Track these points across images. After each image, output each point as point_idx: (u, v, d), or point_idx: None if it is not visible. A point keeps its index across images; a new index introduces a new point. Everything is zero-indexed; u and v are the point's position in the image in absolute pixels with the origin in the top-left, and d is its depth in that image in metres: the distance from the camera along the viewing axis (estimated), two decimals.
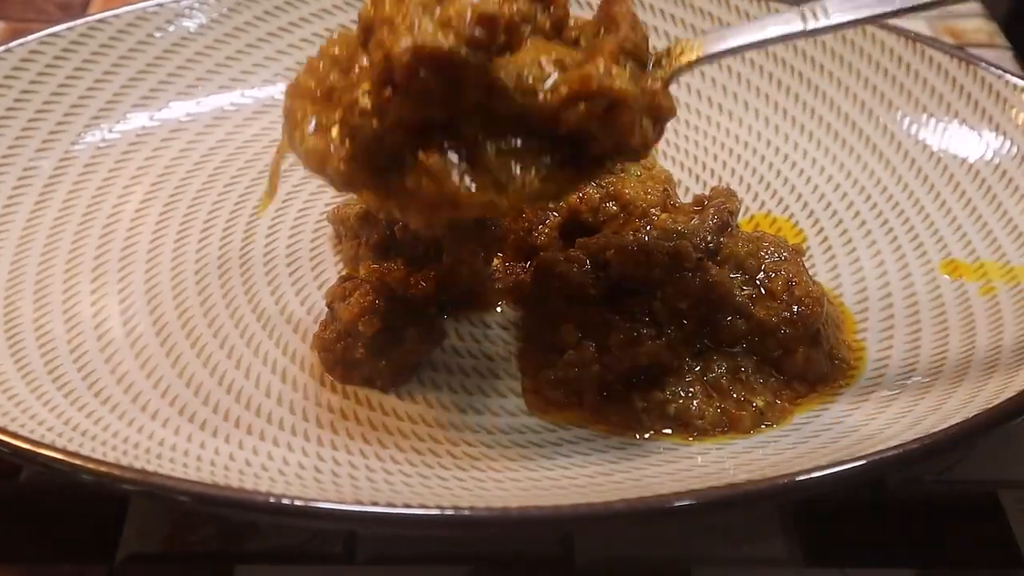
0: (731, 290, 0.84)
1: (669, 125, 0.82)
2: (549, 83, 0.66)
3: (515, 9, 0.67)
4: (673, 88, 1.12)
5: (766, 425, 0.81)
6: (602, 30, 0.71)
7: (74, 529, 0.78)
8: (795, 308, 0.84)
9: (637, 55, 0.70)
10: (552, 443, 0.80)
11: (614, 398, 0.82)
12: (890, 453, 0.70)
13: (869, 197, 1.02)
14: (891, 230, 0.98)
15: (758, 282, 0.86)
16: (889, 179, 1.02)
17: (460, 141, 0.66)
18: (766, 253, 0.87)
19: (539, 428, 0.81)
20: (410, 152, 0.66)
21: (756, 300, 0.85)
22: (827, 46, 1.10)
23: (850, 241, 0.98)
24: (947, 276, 0.93)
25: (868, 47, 1.09)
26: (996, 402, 0.74)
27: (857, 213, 1.01)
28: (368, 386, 0.84)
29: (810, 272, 0.90)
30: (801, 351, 0.83)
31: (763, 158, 1.07)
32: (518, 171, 0.67)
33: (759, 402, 0.82)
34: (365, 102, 0.65)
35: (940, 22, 1.39)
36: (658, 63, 0.74)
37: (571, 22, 0.72)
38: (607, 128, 0.67)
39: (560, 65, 0.67)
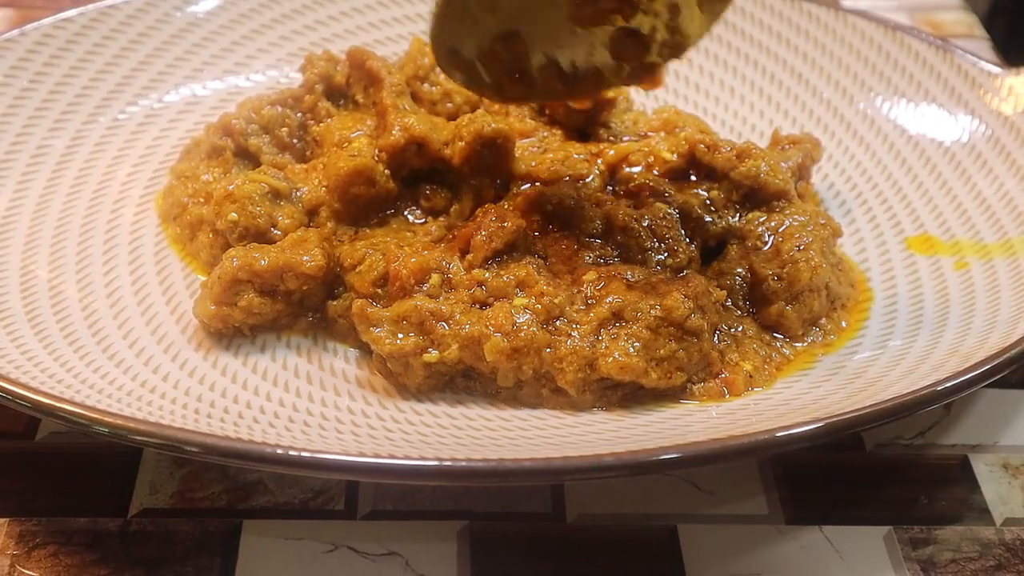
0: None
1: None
2: None
3: None
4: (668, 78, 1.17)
5: (754, 389, 0.85)
6: None
7: (88, 486, 0.82)
8: (786, 268, 0.88)
9: None
10: None
11: None
12: (865, 411, 0.73)
13: (849, 179, 1.06)
14: (870, 209, 1.03)
15: (769, 240, 0.92)
16: (868, 161, 1.07)
17: None
18: (795, 220, 0.93)
19: None
20: None
21: (760, 253, 0.91)
22: (810, 34, 1.14)
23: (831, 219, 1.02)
24: (922, 252, 0.97)
25: (849, 35, 1.13)
26: (966, 366, 0.77)
27: (838, 193, 1.05)
28: None
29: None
30: (778, 306, 0.88)
31: (748, 141, 1.10)
32: None
33: (748, 367, 0.86)
34: None
35: (920, 15, 1.43)
36: None
37: None
38: None
39: None
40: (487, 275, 0.85)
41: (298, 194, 0.93)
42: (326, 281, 0.88)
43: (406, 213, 0.96)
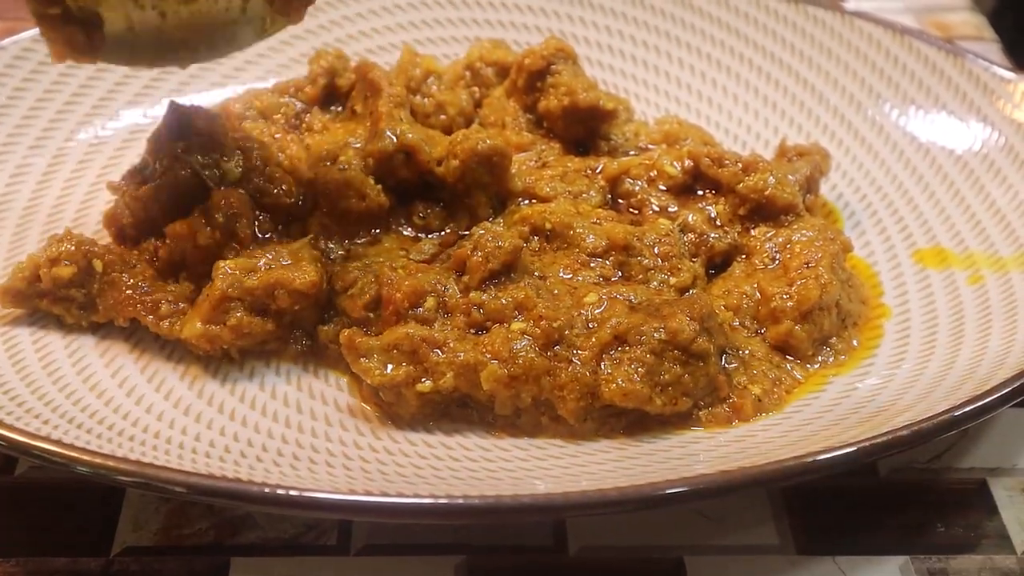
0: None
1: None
2: None
3: None
4: (663, 83, 1.14)
5: (763, 414, 0.82)
6: None
7: (69, 524, 0.78)
8: (795, 285, 0.85)
9: None
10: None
11: None
12: (880, 439, 0.70)
13: (858, 188, 1.03)
14: (880, 220, 0.99)
15: (777, 257, 0.89)
16: (878, 170, 1.03)
17: None
18: (803, 235, 0.90)
19: None
20: None
21: (768, 270, 0.88)
22: (816, 39, 1.11)
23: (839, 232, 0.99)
24: (935, 266, 0.93)
25: (856, 40, 1.10)
26: (983, 389, 0.74)
27: (847, 204, 1.02)
28: None
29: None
30: (786, 325, 0.85)
31: (752, 151, 1.07)
32: None
33: (756, 390, 0.82)
34: None
35: (927, 16, 1.40)
36: None
37: None
38: None
39: None
40: (484, 297, 0.81)
41: None
42: (319, 301, 0.85)
43: (399, 229, 0.93)
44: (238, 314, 0.83)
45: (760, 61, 1.12)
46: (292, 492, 0.66)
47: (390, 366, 0.79)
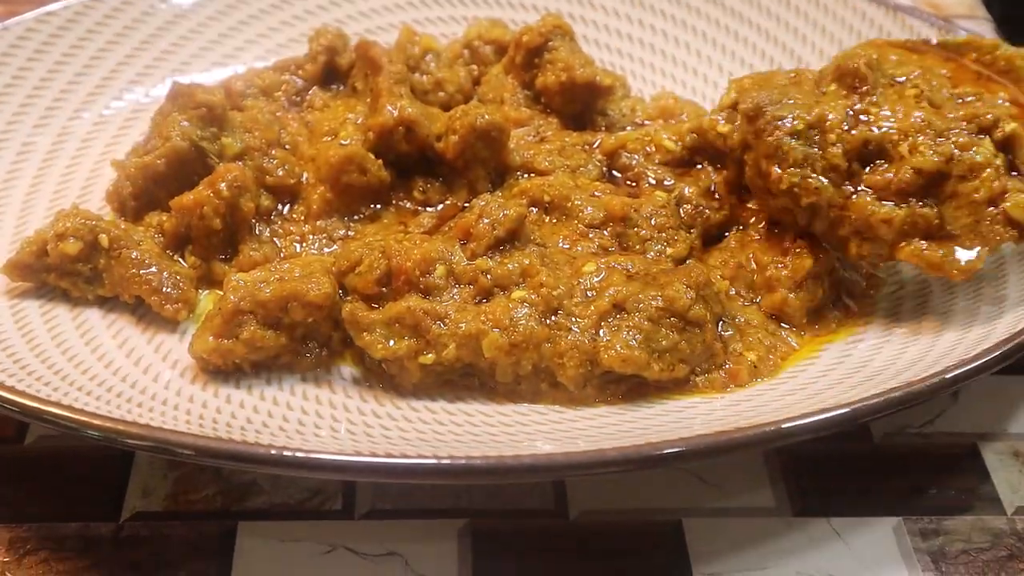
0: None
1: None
2: None
3: None
4: (659, 61, 1.15)
5: (759, 380, 0.83)
6: None
7: (79, 491, 0.80)
8: (789, 255, 0.87)
9: None
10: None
11: None
12: (873, 400, 0.72)
13: None
14: None
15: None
16: None
17: None
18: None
19: None
20: None
21: (763, 241, 0.90)
22: (809, 16, 1.12)
23: None
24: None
25: (850, 17, 1.11)
26: (975, 352, 0.76)
27: None
28: None
29: None
30: (780, 293, 0.87)
31: None
32: None
33: (752, 357, 0.84)
34: None
35: None
36: None
37: None
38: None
39: None
40: (491, 263, 0.83)
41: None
42: (332, 313, 0.83)
43: (398, 203, 0.95)
44: (251, 327, 0.81)
45: (754, 38, 1.14)
46: (298, 454, 0.68)
47: (392, 340, 0.80)
